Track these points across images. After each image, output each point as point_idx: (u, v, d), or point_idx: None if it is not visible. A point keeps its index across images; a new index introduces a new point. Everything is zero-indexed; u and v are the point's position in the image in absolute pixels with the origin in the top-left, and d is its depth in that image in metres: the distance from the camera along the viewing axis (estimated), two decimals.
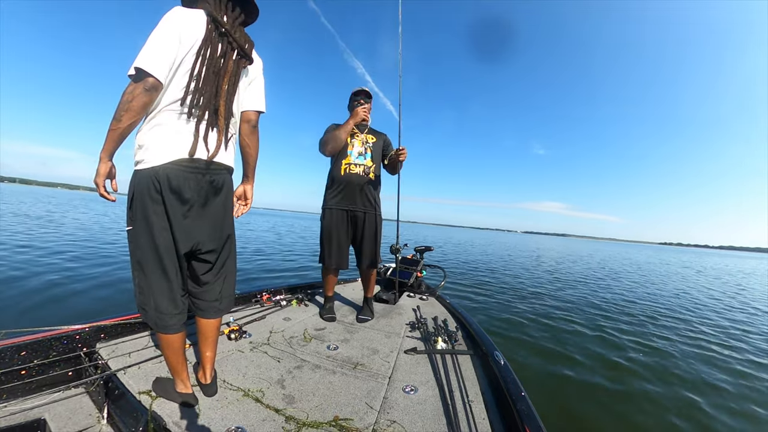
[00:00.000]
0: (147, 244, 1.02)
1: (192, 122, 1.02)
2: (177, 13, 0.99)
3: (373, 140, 2.16)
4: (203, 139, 1.03)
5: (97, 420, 1.11)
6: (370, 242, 2.14)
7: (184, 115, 1.01)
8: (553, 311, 4.82)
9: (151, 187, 0.98)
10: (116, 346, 1.45)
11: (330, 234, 2.08)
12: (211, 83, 1.03)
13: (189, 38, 0.99)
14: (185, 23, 0.99)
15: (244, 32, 1.13)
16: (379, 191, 2.19)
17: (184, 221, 1.04)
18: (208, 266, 1.17)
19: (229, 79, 1.07)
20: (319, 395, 1.25)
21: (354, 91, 2.15)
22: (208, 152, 1.05)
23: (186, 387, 1.14)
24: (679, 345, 3.73)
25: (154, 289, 1.05)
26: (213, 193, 1.10)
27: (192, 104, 1.00)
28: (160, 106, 0.99)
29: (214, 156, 1.06)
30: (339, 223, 2.09)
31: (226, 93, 1.07)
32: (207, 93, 1.02)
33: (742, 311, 6.03)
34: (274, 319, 2.03)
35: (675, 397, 2.54)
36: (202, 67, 1.00)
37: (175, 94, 0.99)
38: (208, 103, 1.02)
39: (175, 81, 0.99)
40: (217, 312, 1.22)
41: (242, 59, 1.11)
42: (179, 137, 1.00)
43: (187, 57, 0.99)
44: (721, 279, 12.30)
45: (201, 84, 1.00)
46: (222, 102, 1.06)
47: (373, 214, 2.14)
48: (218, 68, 1.04)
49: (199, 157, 1.03)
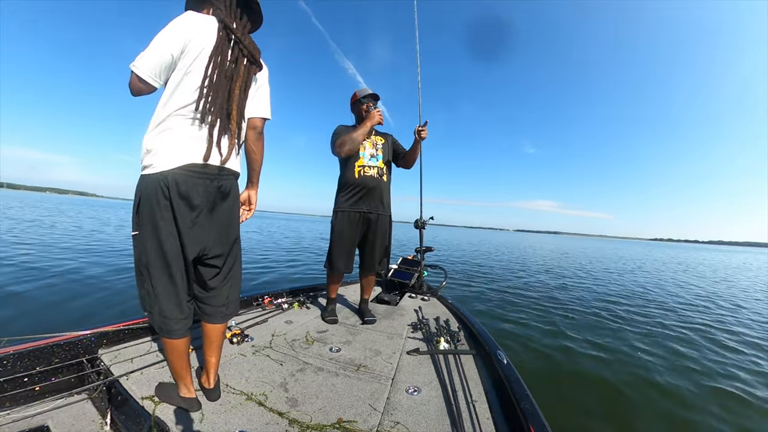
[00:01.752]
0: (154, 250, 1.01)
1: (205, 127, 1.02)
2: (185, 19, 1.00)
3: (382, 141, 2.18)
4: (216, 144, 1.04)
5: (100, 426, 1.11)
6: (381, 244, 2.15)
7: (197, 121, 1.01)
8: (553, 310, 4.81)
9: (160, 192, 0.97)
10: (118, 352, 1.45)
11: (342, 236, 2.07)
12: (224, 88, 1.03)
13: (198, 44, 1.00)
14: (194, 29, 1.00)
15: (252, 40, 1.14)
16: (390, 193, 2.22)
17: (192, 227, 1.03)
18: (215, 271, 1.17)
19: (240, 85, 1.07)
20: (322, 398, 1.25)
21: (360, 95, 2.14)
22: (221, 157, 1.05)
23: (189, 391, 1.14)
24: (698, 346, 3.70)
25: (159, 294, 1.04)
26: (221, 198, 1.10)
27: (205, 109, 1.00)
28: (169, 111, 0.99)
29: (226, 161, 1.06)
30: (352, 225, 2.08)
31: (238, 98, 1.07)
32: (220, 98, 1.02)
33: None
34: (276, 323, 2.02)
35: (683, 394, 2.53)
36: (214, 72, 1.01)
37: (185, 99, 0.99)
38: (221, 107, 1.03)
39: (185, 86, 0.99)
40: (223, 317, 1.22)
41: (252, 66, 1.12)
42: (191, 142, 1.00)
43: (197, 62, 1.00)
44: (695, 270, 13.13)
45: (214, 89, 1.01)
46: (234, 106, 1.06)
47: (386, 216, 2.15)
48: (230, 73, 1.05)
49: (212, 162, 1.03)
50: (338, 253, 2.09)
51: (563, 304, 5.20)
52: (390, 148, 2.22)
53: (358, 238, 2.12)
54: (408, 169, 2.37)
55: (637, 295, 6.50)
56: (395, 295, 2.78)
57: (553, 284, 7.22)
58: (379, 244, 2.13)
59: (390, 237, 2.23)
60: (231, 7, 1.10)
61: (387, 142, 2.20)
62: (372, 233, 2.11)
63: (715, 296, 7.00)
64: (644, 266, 13.54)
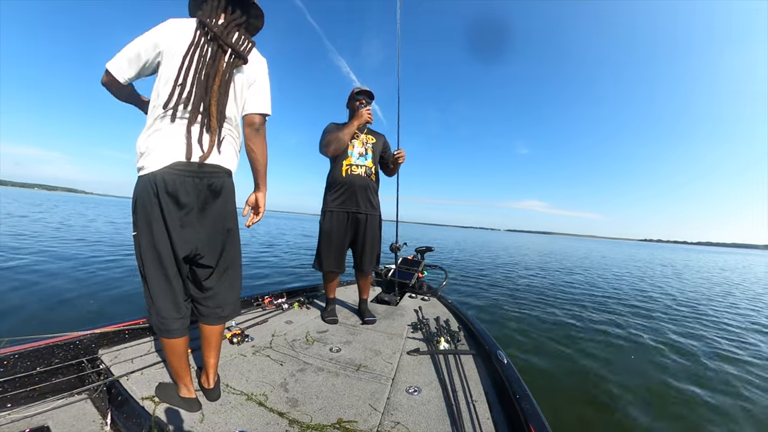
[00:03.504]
0: (148, 249, 1.02)
1: (183, 124, 1.02)
2: (164, 25, 1.04)
3: (373, 141, 2.14)
4: (197, 141, 1.03)
5: (100, 426, 1.11)
6: (371, 244, 2.13)
7: (178, 119, 1.01)
8: (552, 307, 4.82)
9: (150, 192, 0.99)
10: (119, 352, 1.45)
11: (331, 237, 2.05)
12: (201, 85, 1.03)
13: (174, 46, 1.02)
14: (170, 33, 1.02)
15: (243, 32, 1.12)
16: (378, 193, 2.19)
17: (181, 225, 1.03)
18: (209, 271, 1.16)
19: (220, 79, 1.05)
20: (322, 398, 1.25)
21: (356, 91, 2.11)
22: (202, 153, 1.04)
23: (189, 392, 1.14)
24: (703, 345, 3.75)
25: (156, 294, 1.05)
26: (212, 196, 1.09)
27: (183, 106, 1.01)
28: (156, 114, 1.00)
29: (206, 157, 1.03)
30: (340, 225, 2.06)
31: (217, 93, 1.05)
32: (197, 95, 1.02)
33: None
34: (276, 323, 2.02)
35: (684, 393, 2.54)
36: (188, 70, 1.01)
37: (167, 100, 1.00)
38: (198, 103, 1.02)
39: (166, 87, 1.00)
40: (219, 319, 1.21)
41: (237, 59, 1.10)
42: (173, 140, 1.01)
43: (173, 63, 1.01)
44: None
45: (189, 86, 1.01)
46: (213, 101, 1.04)
47: (375, 216, 2.13)
48: (207, 70, 1.04)
49: (194, 159, 1.02)
50: (326, 253, 2.07)
51: (566, 301, 5.21)
52: (380, 148, 2.19)
53: (348, 238, 2.10)
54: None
55: (638, 295, 6.52)
56: (395, 296, 2.78)
57: (555, 283, 7.23)
58: (370, 244, 2.12)
59: (380, 236, 2.21)
60: (216, 2, 1.10)
61: (378, 142, 2.17)
62: (362, 234, 2.09)
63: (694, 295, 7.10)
64: (629, 266, 13.78)
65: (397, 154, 2.17)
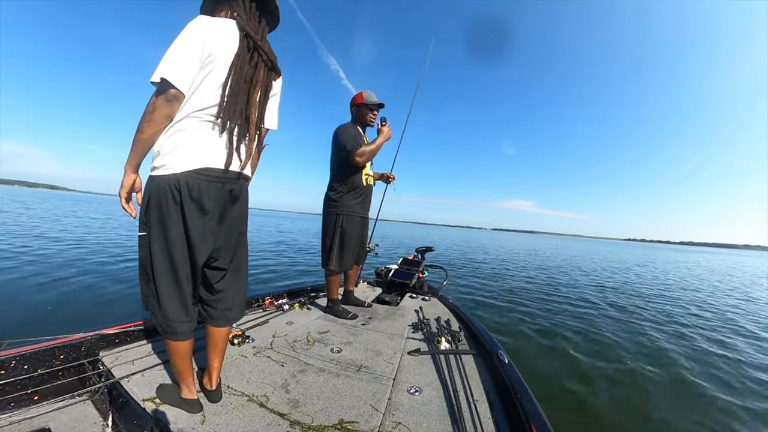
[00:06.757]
0: (161, 252, 1.00)
1: (225, 133, 1.01)
2: (202, 23, 0.97)
3: None
4: (237, 150, 1.04)
5: (101, 428, 1.11)
6: (364, 243, 2.45)
7: (217, 126, 1.00)
8: (553, 307, 4.82)
9: (170, 195, 0.96)
10: (119, 354, 1.45)
11: (352, 238, 2.22)
12: (244, 94, 1.03)
13: (217, 50, 0.98)
14: (212, 34, 0.97)
15: (269, 45, 1.13)
16: None
17: (202, 231, 1.02)
18: (222, 274, 1.17)
19: (260, 90, 1.08)
20: (323, 399, 1.25)
21: (370, 100, 2.17)
22: (240, 163, 1.06)
23: (191, 393, 1.14)
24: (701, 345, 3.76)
25: (164, 297, 1.03)
26: (231, 202, 1.09)
27: (226, 115, 0.99)
28: (184, 113, 0.97)
29: (244, 166, 1.07)
30: (360, 228, 2.28)
31: (258, 103, 1.08)
32: (240, 104, 1.02)
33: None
34: (277, 324, 2.02)
35: (684, 393, 2.53)
36: (235, 79, 1.00)
37: (203, 102, 0.98)
38: (241, 113, 1.03)
39: (203, 90, 0.97)
40: (228, 321, 1.21)
41: (272, 72, 1.12)
42: (209, 146, 0.99)
43: (217, 68, 0.98)
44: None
45: (234, 95, 1.00)
46: (254, 112, 1.06)
47: (368, 219, 2.43)
48: (250, 79, 1.04)
49: (233, 168, 1.03)
50: (348, 253, 2.22)
51: (564, 300, 5.21)
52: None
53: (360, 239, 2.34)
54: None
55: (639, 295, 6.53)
56: (396, 296, 2.77)
57: (552, 283, 7.23)
58: (363, 242, 2.44)
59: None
60: (251, 12, 1.09)
61: None
62: (365, 235, 2.42)
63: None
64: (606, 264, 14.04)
65: (391, 177, 2.61)
